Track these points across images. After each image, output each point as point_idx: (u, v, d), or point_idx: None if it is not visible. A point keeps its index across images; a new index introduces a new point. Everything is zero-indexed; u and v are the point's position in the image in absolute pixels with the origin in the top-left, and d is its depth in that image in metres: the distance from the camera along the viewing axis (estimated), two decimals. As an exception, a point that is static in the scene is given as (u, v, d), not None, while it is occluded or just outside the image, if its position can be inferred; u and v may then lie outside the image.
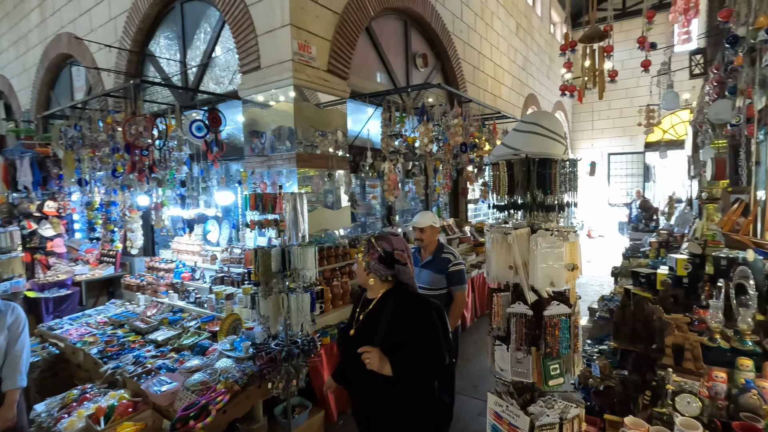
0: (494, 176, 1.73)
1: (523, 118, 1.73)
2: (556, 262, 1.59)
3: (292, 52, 4.04)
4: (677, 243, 6.69)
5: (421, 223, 3.25)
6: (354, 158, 5.10)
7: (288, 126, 4.17)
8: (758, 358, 1.79)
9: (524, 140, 1.66)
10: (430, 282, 3.16)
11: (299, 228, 2.84)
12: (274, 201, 2.71)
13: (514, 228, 1.70)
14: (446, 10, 6.86)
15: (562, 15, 14.02)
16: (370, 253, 1.93)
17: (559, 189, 1.63)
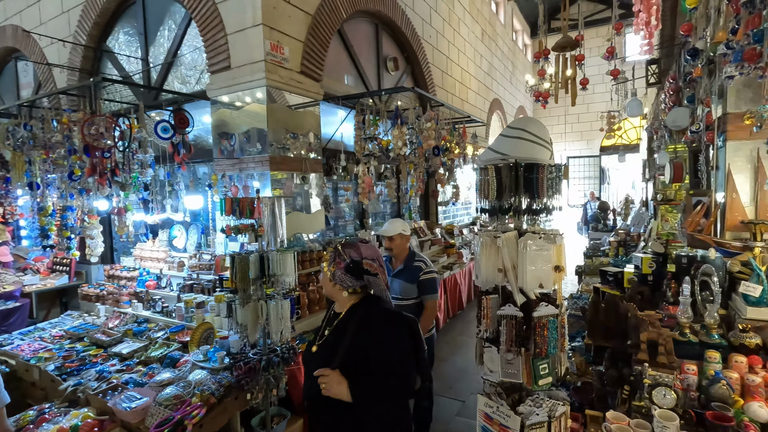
0: (482, 181, 1.76)
1: (510, 124, 1.77)
2: (544, 264, 1.63)
3: (264, 52, 3.94)
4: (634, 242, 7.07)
5: (389, 231, 3.13)
6: (327, 161, 5.04)
7: (260, 128, 4.07)
8: (724, 350, 1.92)
9: (512, 145, 1.69)
10: (401, 291, 3.06)
11: (278, 233, 2.77)
12: (252, 205, 2.62)
13: (503, 231, 1.74)
14: (416, 15, 6.93)
15: (523, 23, 14.54)
16: (336, 262, 1.73)
17: (546, 193, 1.68)
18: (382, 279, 1.78)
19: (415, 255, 3.17)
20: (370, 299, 1.78)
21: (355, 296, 1.77)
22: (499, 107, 11.70)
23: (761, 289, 1.89)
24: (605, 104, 14.92)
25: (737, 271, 2.05)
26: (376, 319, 1.71)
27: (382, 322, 1.70)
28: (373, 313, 1.72)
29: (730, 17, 2.13)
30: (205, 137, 4.89)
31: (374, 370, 1.62)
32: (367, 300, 1.78)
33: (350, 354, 1.65)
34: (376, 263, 1.76)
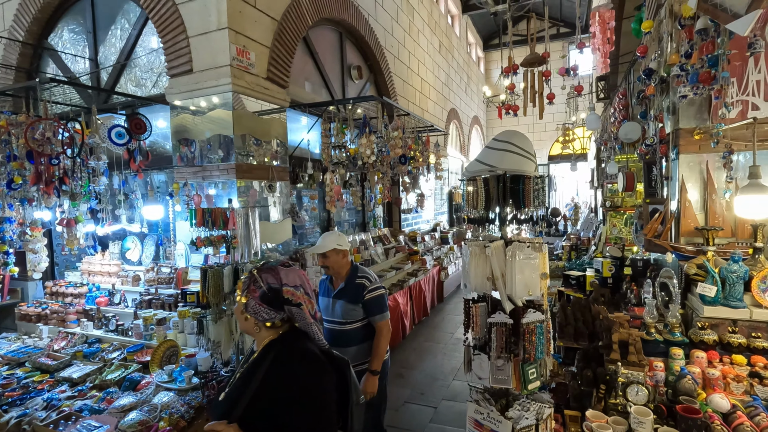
0: (470, 192, 1.81)
1: (495, 136, 1.83)
2: (532, 272, 1.69)
3: (230, 57, 3.82)
4: (585, 246, 7.52)
5: (321, 247, 2.67)
6: (293, 169, 4.95)
7: (225, 134, 3.92)
8: (686, 347, 2.08)
9: (499, 158, 1.75)
10: (344, 314, 2.62)
11: (252, 244, 2.67)
12: (225, 216, 2.52)
13: (490, 241, 1.79)
14: (378, 25, 7.01)
15: (477, 37, 15.12)
16: (251, 290, 1.41)
17: (533, 203, 1.75)
18: (308, 309, 1.43)
19: (358, 270, 2.75)
20: (291, 335, 1.43)
21: (273, 331, 1.43)
22: (456, 117, 12.06)
23: (716, 289, 2.07)
24: (552, 116, 15.86)
25: (693, 274, 2.24)
26: (296, 361, 1.36)
27: (302, 365, 1.35)
28: (293, 353, 1.38)
29: (682, 41, 2.34)
30: (163, 143, 4.65)
31: (284, 427, 1.28)
32: (287, 336, 1.43)
33: (255, 404, 1.31)
34: (300, 291, 1.43)
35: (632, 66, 3.73)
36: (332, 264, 2.71)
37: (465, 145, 13.13)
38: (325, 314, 2.74)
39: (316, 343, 1.45)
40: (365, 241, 6.35)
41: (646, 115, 3.03)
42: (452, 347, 5.51)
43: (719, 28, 1.81)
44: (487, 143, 1.84)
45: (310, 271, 4.56)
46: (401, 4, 8.08)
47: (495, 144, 1.79)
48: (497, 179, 1.75)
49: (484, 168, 1.77)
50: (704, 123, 2.49)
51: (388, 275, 5.97)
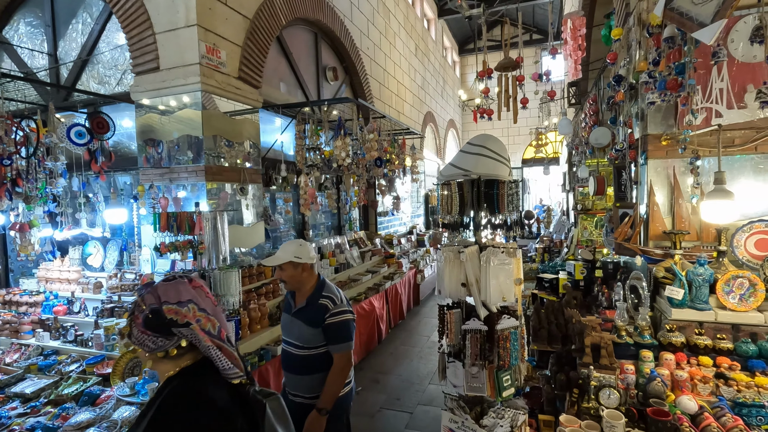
0: (444, 196, 1.78)
1: (470, 140, 1.81)
2: (506, 277, 1.68)
3: (199, 55, 3.69)
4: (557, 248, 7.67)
5: (275, 258, 2.30)
6: (266, 171, 4.83)
7: (194, 135, 3.78)
8: (655, 349, 2.11)
9: (474, 162, 1.73)
10: (301, 337, 2.21)
11: (220, 249, 2.57)
12: (192, 220, 2.41)
13: (464, 246, 1.76)
14: (354, 26, 6.96)
15: (452, 41, 15.29)
16: (135, 317, 1.13)
17: (507, 208, 1.73)
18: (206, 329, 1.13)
19: (324, 288, 2.30)
20: (191, 369, 1.15)
21: (171, 363, 1.14)
22: (432, 120, 12.13)
23: (683, 292, 2.12)
24: (526, 120, 16.19)
25: (662, 277, 2.28)
26: (182, 409, 1.07)
27: (190, 414, 1.06)
28: (183, 397, 1.10)
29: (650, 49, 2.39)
30: (128, 144, 4.45)
31: None
32: (186, 371, 1.14)
33: None
34: (190, 307, 1.13)
35: (602, 72, 3.81)
36: (289, 278, 2.30)
37: (441, 148, 13.22)
38: (284, 333, 2.36)
39: (225, 375, 1.14)
40: (341, 244, 6.27)
41: (615, 120, 3.10)
42: (428, 351, 5.49)
43: (686, 36, 1.85)
44: (462, 147, 1.82)
45: (283, 275, 4.45)
46: (377, 6, 8.06)
47: (469, 148, 1.77)
48: (471, 183, 1.73)
49: (458, 172, 1.75)
50: (671, 129, 2.55)
51: (364, 279, 5.91)
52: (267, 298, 4.10)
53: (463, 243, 1.81)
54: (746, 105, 2.34)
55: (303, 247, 2.31)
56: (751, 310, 2.07)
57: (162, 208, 3.78)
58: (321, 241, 5.85)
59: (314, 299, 2.26)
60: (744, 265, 2.28)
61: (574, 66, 3.36)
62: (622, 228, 2.59)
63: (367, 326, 5.39)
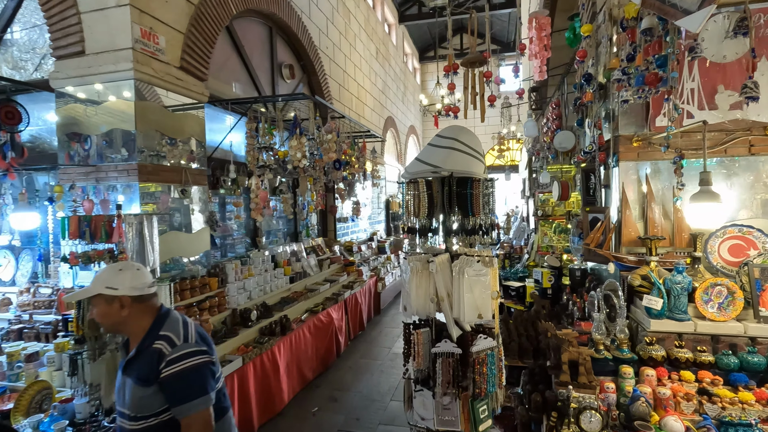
0: (412, 196, 1.53)
1: (440, 132, 1.57)
2: (483, 290, 1.44)
3: (132, 38, 3.25)
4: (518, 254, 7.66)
5: (81, 292, 1.64)
6: (213, 172, 4.41)
7: (126, 129, 3.33)
8: (635, 364, 1.96)
9: (443, 157, 1.49)
10: (132, 403, 1.51)
11: (147, 260, 2.18)
12: (110, 225, 2.01)
13: (434, 254, 1.52)
14: (312, 24, 6.66)
15: (413, 48, 15.31)
16: None
17: (482, 210, 1.50)
18: None
19: (163, 325, 1.59)
20: None
21: None
22: (393, 125, 11.99)
23: (662, 302, 1.98)
24: (484, 128, 16.48)
25: (638, 285, 2.15)
26: None
27: None
28: None
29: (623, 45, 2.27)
30: (47, 138, 3.89)
31: None
32: None
33: None
34: None
35: (565, 76, 3.74)
36: (102, 319, 1.59)
37: (402, 153, 13.10)
38: (117, 402, 1.62)
39: None
40: (297, 252, 5.89)
41: (582, 122, 3.00)
42: (390, 363, 5.22)
43: (667, 26, 1.71)
44: (431, 140, 1.58)
45: (231, 287, 4.04)
46: (337, 5, 7.81)
47: (439, 141, 1.53)
48: (441, 182, 1.49)
49: (426, 168, 1.51)
50: (642, 130, 2.46)
51: (321, 288, 5.57)
52: (211, 312, 3.68)
53: (432, 251, 1.56)
54: (717, 106, 2.28)
55: (124, 272, 1.59)
56: (730, 320, 1.96)
57: (86, 212, 3.29)
58: (276, 249, 5.45)
59: (146, 344, 1.54)
60: (719, 272, 2.20)
61: (540, 67, 3.25)
62: (594, 234, 2.46)
63: (324, 339, 5.05)
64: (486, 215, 1.52)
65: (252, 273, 4.50)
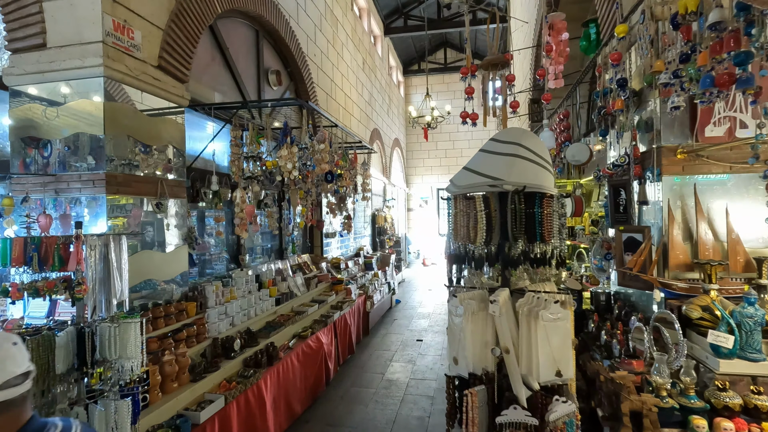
0: (464, 215, 1.19)
1: (496, 135, 1.25)
2: (562, 340, 1.11)
3: (103, 31, 2.85)
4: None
5: None
6: (193, 184, 3.98)
7: (93, 134, 2.90)
8: (707, 415, 1.65)
9: (505, 166, 1.17)
10: None
11: (114, 290, 1.77)
12: (65, 249, 1.60)
13: (488, 289, 1.18)
14: (301, 30, 6.35)
15: (397, 61, 15.21)
16: None
17: (555, 234, 1.18)
18: None
19: None
20: None
21: None
22: (379, 137, 11.74)
23: (733, 339, 1.70)
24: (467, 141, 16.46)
25: (697, 318, 1.86)
26: None
27: None
28: None
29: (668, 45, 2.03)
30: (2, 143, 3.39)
31: None
32: None
33: None
34: None
35: (577, 85, 3.53)
36: None
37: (387, 166, 12.84)
38: None
39: None
40: (283, 270, 5.46)
41: (606, 133, 2.76)
42: (384, 392, 4.81)
43: (751, 16, 1.46)
44: (484, 145, 1.26)
45: (212, 312, 3.59)
46: (325, 12, 7.54)
47: (497, 147, 1.21)
48: (500, 198, 1.17)
49: (482, 181, 1.18)
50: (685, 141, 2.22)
51: (309, 310, 5.14)
52: (189, 344, 3.22)
53: (487, 286, 1.22)
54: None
55: None
56: (812, 360, 1.70)
57: (41, 229, 2.82)
58: (260, 268, 5.01)
59: None
60: (786, 301, 1.95)
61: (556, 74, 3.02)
62: (637, 257, 2.19)
63: (314, 367, 4.61)
64: (561, 241, 1.20)
65: (235, 295, 4.06)
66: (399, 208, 15.04)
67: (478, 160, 1.24)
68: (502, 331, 1.11)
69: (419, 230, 16.60)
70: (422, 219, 16.57)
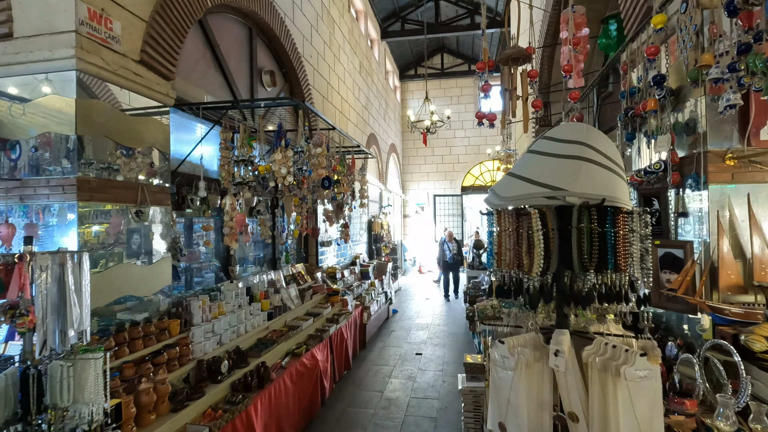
0: (506, 234, 0.91)
1: (551, 133, 0.97)
2: (652, 405, 0.83)
3: (76, 19, 2.56)
4: (513, 281, 7.13)
5: None
6: (179, 190, 3.67)
7: (63, 134, 2.59)
8: (784, 471, 1.38)
9: (568, 172, 0.90)
10: None
11: (70, 320, 1.46)
12: (6, 271, 1.30)
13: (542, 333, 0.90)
14: (296, 29, 6.09)
15: (394, 66, 15.01)
16: None
17: (638, 262, 0.91)
18: None
19: None
20: None
21: None
22: (375, 142, 11.49)
23: (813, 378, 1.43)
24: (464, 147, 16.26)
25: (762, 352, 1.59)
26: None
27: None
28: None
29: (718, 36, 1.78)
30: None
31: None
32: None
33: None
34: None
35: (594, 86, 3.28)
36: None
37: (383, 172, 12.58)
38: None
39: None
40: (275, 281, 5.15)
41: (633, 137, 2.51)
42: (383, 413, 4.50)
43: None
44: (535, 145, 0.98)
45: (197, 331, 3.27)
46: (321, 12, 7.30)
47: (555, 147, 0.94)
48: (561, 213, 0.89)
49: (536, 191, 0.91)
50: (733, 145, 1.97)
51: (304, 325, 4.82)
52: (170, 367, 2.90)
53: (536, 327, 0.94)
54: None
55: None
56: None
57: (2, 241, 2.51)
58: (251, 279, 4.69)
59: None
60: None
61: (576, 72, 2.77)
62: (684, 276, 1.93)
63: (309, 387, 4.29)
64: (645, 272, 0.92)
65: (223, 310, 3.74)
66: (395, 215, 14.76)
67: (529, 164, 0.96)
68: (568, 392, 0.83)
69: (415, 237, 16.32)
70: (418, 225, 16.29)
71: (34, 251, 1.44)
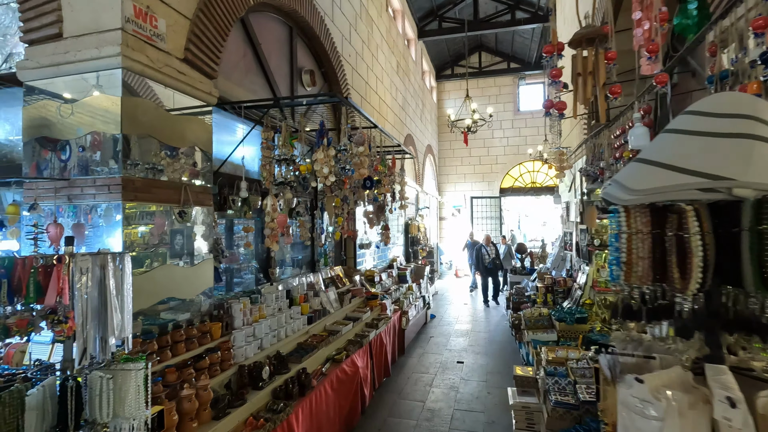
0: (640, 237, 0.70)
1: (701, 106, 0.74)
2: None
3: (122, 17, 2.52)
4: (561, 287, 6.73)
5: None
6: (221, 190, 3.62)
7: (111, 133, 2.56)
8: None
9: (736, 155, 0.67)
10: None
11: (110, 327, 1.35)
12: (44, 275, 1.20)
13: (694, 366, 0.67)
14: (336, 28, 6.01)
15: (430, 66, 14.77)
16: None
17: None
18: None
19: None
20: None
21: None
22: (412, 143, 11.29)
23: None
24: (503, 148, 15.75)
25: None
26: None
27: None
28: None
29: None
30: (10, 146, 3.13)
31: None
32: None
33: None
34: None
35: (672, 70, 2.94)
36: None
37: (420, 174, 12.36)
38: None
39: None
40: (314, 284, 5.04)
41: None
42: (426, 425, 4.27)
43: None
44: (676, 122, 0.75)
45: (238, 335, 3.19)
46: (360, 12, 7.20)
47: (709, 123, 0.70)
48: (714, 211, 0.67)
49: (687, 181, 0.69)
50: None
51: (344, 329, 4.68)
52: (212, 372, 2.82)
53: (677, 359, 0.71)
54: None
55: None
56: None
57: (51, 241, 2.49)
58: (291, 282, 4.60)
59: None
60: None
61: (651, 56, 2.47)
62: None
63: (349, 395, 4.13)
64: None
65: (264, 314, 3.65)
66: (431, 217, 14.48)
67: (672, 146, 0.73)
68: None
69: (451, 240, 15.96)
70: (454, 228, 15.93)
71: (74, 252, 1.34)
